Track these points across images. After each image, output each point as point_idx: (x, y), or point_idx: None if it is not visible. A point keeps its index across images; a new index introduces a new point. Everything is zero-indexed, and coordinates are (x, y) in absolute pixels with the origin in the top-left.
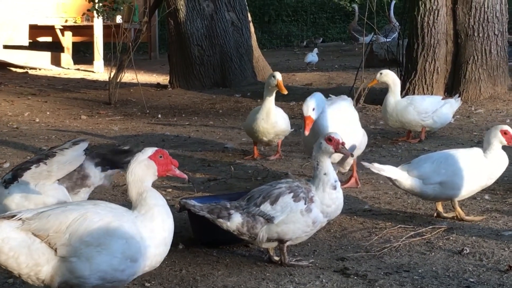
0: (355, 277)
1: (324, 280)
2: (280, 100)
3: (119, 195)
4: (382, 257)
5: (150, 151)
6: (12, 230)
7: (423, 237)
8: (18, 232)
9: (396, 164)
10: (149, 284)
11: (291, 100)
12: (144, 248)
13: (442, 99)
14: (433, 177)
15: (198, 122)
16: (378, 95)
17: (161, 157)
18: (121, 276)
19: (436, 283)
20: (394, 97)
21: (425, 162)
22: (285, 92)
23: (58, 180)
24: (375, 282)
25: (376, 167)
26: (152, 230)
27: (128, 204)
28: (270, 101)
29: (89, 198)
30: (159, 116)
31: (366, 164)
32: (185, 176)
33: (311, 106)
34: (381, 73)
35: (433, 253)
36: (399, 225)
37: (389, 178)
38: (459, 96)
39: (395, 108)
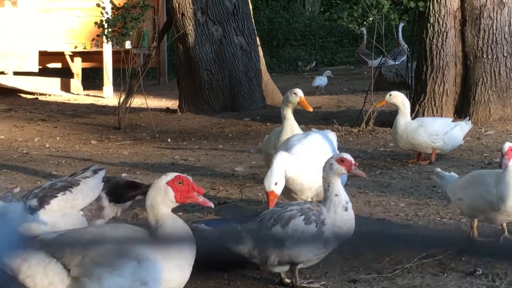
0: None
1: None
2: None
3: (129, 219)
4: (394, 279)
5: (168, 177)
6: (32, 250)
7: (435, 258)
8: (37, 252)
9: (405, 187)
10: None
11: (300, 123)
12: (156, 272)
13: (452, 121)
14: (454, 193)
15: (208, 146)
16: (388, 117)
17: (180, 183)
18: None
19: None
20: (404, 119)
21: (467, 176)
22: (310, 109)
23: (81, 210)
24: None
25: (436, 173)
26: (166, 257)
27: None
28: (292, 119)
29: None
30: (169, 140)
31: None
32: (211, 204)
33: (273, 181)
34: (390, 94)
35: (445, 274)
36: None
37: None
38: (469, 119)
39: (406, 129)
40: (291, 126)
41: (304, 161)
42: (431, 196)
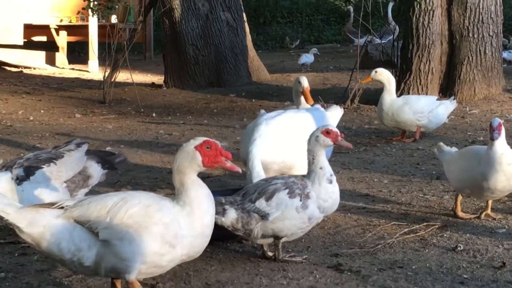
0: (349, 273)
1: (317, 276)
2: (275, 100)
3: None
4: (376, 254)
5: (197, 141)
6: (53, 217)
7: (417, 234)
8: (59, 219)
9: (389, 163)
10: (142, 279)
11: (286, 100)
12: (182, 236)
13: (437, 99)
14: (447, 166)
15: (193, 121)
16: (373, 95)
17: (208, 148)
18: (161, 261)
19: (430, 279)
20: (390, 96)
21: (461, 150)
22: (311, 102)
23: (64, 182)
24: (368, 278)
25: (438, 146)
26: (190, 222)
27: None
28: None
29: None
30: (154, 115)
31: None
32: (238, 169)
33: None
34: (376, 71)
35: (427, 250)
36: (393, 222)
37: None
38: (454, 98)
39: (391, 107)
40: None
41: (266, 143)
42: (415, 173)
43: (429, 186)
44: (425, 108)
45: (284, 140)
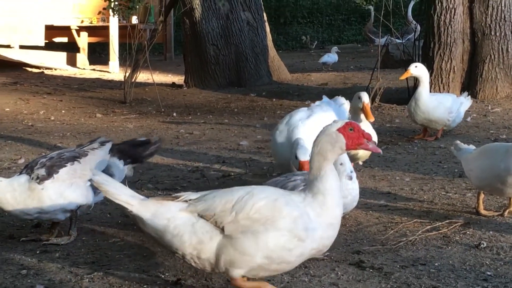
0: (371, 270)
1: (339, 273)
2: (295, 99)
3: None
4: (398, 251)
5: (340, 123)
6: (177, 210)
7: (440, 231)
8: (183, 213)
9: (411, 162)
10: (163, 276)
11: (307, 99)
12: (312, 229)
13: (457, 97)
14: (467, 164)
15: (213, 121)
16: (394, 94)
17: (351, 130)
18: (288, 256)
19: (453, 276)
20: (426, 92)
21: (480, 148)
22: (372, 119)
23: (89, 180)
24: (391, 275)
25: (455, 145)
26: (320, 212)
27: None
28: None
29: None
30: (174, 114)
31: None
32: (380, 150)
33: (308, 153)
34: (416, 66)
35: (449, 247)
36: (415, 220)
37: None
38: (468, 95)
39: (428, 105)
40: None
41: (306, 145)
42: (437, 171)
43: (451, 184)
44: (454, 107)
45: None
